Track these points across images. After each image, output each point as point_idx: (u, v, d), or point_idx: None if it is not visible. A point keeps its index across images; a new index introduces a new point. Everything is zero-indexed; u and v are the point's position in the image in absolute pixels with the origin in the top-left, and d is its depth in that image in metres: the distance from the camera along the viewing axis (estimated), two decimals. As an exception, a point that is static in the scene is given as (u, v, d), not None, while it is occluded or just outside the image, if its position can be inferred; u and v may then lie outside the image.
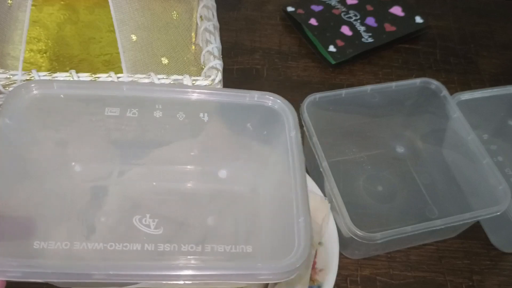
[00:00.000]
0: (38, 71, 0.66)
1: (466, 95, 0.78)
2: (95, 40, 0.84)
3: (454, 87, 0.94)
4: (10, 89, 0.65)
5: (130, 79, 0.66)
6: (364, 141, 0.82)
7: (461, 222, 0.66)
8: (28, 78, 0.65)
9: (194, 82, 0.67)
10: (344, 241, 0.68)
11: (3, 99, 0.66)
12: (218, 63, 0.71)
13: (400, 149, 0.82)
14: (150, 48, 0.78)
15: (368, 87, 0.77)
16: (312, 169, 0.76)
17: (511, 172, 0.81)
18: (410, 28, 0.98)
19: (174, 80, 0.67)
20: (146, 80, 0.67)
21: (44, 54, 0.81)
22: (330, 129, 0.77)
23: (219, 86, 0.70)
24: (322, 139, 0.70)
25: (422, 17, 0.99)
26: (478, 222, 0.76)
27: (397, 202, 0.76)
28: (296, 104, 0.86)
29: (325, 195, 0.71)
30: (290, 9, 0.99)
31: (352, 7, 1.00)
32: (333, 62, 0.92)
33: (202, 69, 0.73)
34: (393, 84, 0.77)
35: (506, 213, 0.68)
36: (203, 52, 0.76)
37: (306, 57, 0.95)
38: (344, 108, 0.77)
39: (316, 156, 0.69)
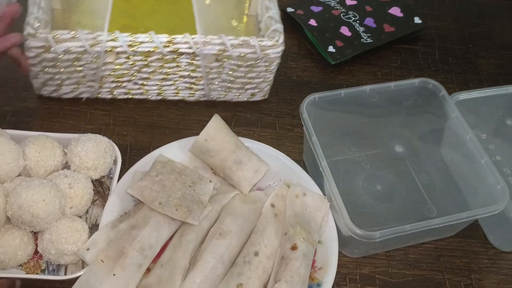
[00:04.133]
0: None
1: (465, 95, 0.79)
2: (158, 11, 0.87)
3: (453, 87, 0.94)
4: (97, 48, 0.72)
5: (203, 40, 0.73)
6: (363, 140, 0.82)
7: (459, 221, 0.67)
8: (112, 39, 0.72)
9: (260, 42, 0.75)
10: (343, 240, 0.68)
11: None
12: (279, 27, 0.78)
13: (399, 149, 0.82)
14: (222, 11, 0.85)
15: (367, 87, 0.77)
16: (312, 169, 0.77)
17: (509, 171, 0.81)
18: (409, 29, 0.99)
19: (242, 41, 0.74)
20: (218, 41, 0.73)
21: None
22: (330, 129, 0.78)
23: (282, 47, 0.77)
24: (322, 139, 0.70)
25: (421, 18, 1.00)
26: (476, 221, 0.76)
27: (396, 201, 0.77)
28: (296, 104, 0.87)
29: (324, 194, 0.72)
30: (289, 9, 0.99)
31: (351, 7, 1.01)
32: (333, 62, 0.92)
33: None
34: (392, 84, 0.78)
35: (504, 212, 0.68)
36: (264, 17, 0.82)
37: (305, 58, 0.96)
38: (343, 108, 0.78)
39: (316, 156, 0.69)
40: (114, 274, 0.61)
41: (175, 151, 0.74)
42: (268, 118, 0.86)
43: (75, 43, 0.72)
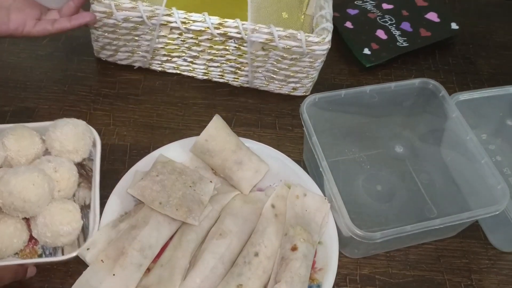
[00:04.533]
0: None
1: (465, 95, 0.79)
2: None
3: (453, 87, 0.94)
4: (153, 21, 0.77)
5: (252, 27, 0.76)
6: (363, 141, 0.82)
7: (459, 222, 0.66)
8: (168, 13, 0.77)
9: (307, 37, 0.76)
10: (343, 240, 0.68)
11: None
12: (329, 26, 0.80)
13: (399, 149, 0.82)
14: (279, 7, 0.88)
15: (367, 88, 0.77)
16: (312, 169, 0.77)
17: (509, 171, 0.81)
18: (445, 34, 0.99)
19: (289, 33, 0.76)
20: (266, 30, 0.76)
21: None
22: (330, 129, 0.78)
23: (328, 45, 0.78)
24: (322, 139, 0.70)
25: (457, 24, 1.00)
26: (476, 221, 0.76)
27: (396, 201, 0.77)
28: (296, 104, 0.86)
29: (324, 195, 0.72)
30: None
31: (387, 11, 1.01)
32: (367, 65, 0.92)
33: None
34: (392, 85, 0.78)
35: (505, 212, 0.68)
36: (316, 15, 0.84)
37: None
38: (343, 108, 0.78)
39: (316, 156, 0.69)
40: (114, 274, 0.61)
41: (175, 151, 0.74)
42: (268, 118, 0.86)
43: (135, 13, 0.77)
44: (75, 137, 0.69)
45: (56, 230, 0.63)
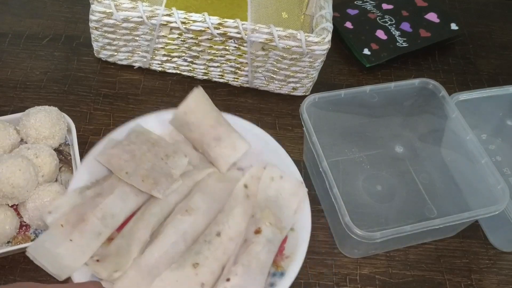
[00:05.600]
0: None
1: (465, 95, 0.79)
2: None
3: (453, 87, 0.94)
4: (153, 21, 0.77)
5: (252, 27, 0.76)
6: (363, 141, 0.82)
7: (459, 222, 0.66)
8: (168, 14, 0.77)
9: (307, 37, 0.76)
10: (343, 240, 0.68)
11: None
12: (329, 26, 0.80)
13: (399, 149, 0.82)
14: (278, 7, 0.89)
15: (367, 88, 0.77)
16: (312, 169, 0.76)
17: (509, 171, 0.81)
18: (445, 35, 0.99)
19: (289, 33, 0.76)
20: (266, 30, 0.76)
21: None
22: (330, 129, 0.78)
23: (328, 45, 0.78)
24: (322, 139, 0.70)
25: (457, 24, 1.00)
26: (476, 221, 0.76)
27: (396, 201, 0.77)
28: (296, 104, 0.86)
29: (325, 195, 0.72)
30: None
31: (387, 12, 1.01)
32: (368, 65, 0.92)
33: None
34: (392, 85, 0.78)
35: (505, 212, 0.68)
36: (316, 15, 0.84)
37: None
38: (343, 108, 0.78)
39: (316, 156, 0.69)
40: (71, 240, 0.59)
41: (156, 123, 0.73)
42: (268, 118, 0.86)
43: (134, 13, 0.77)
44: (50, 122, 0.70)
45: None
